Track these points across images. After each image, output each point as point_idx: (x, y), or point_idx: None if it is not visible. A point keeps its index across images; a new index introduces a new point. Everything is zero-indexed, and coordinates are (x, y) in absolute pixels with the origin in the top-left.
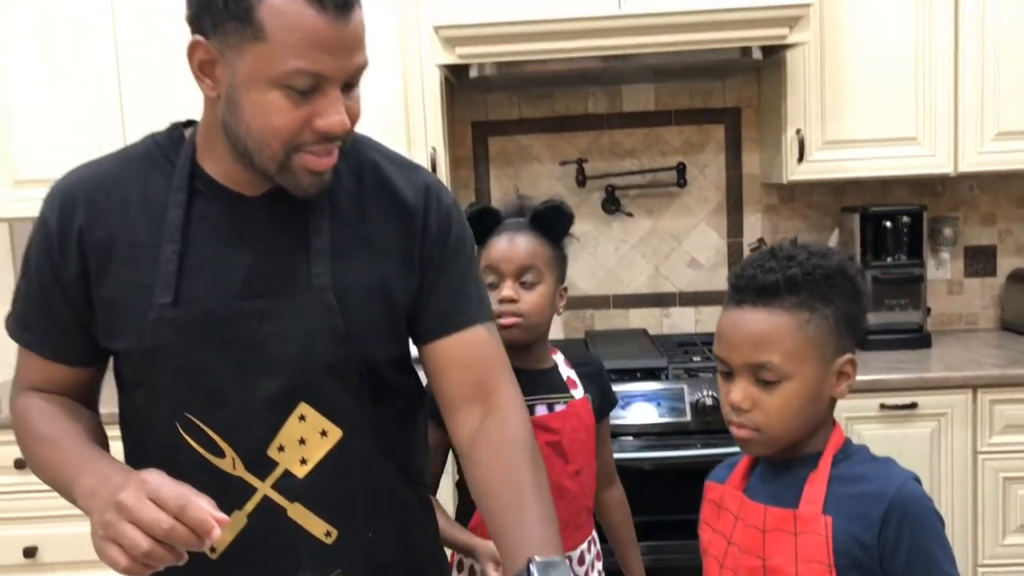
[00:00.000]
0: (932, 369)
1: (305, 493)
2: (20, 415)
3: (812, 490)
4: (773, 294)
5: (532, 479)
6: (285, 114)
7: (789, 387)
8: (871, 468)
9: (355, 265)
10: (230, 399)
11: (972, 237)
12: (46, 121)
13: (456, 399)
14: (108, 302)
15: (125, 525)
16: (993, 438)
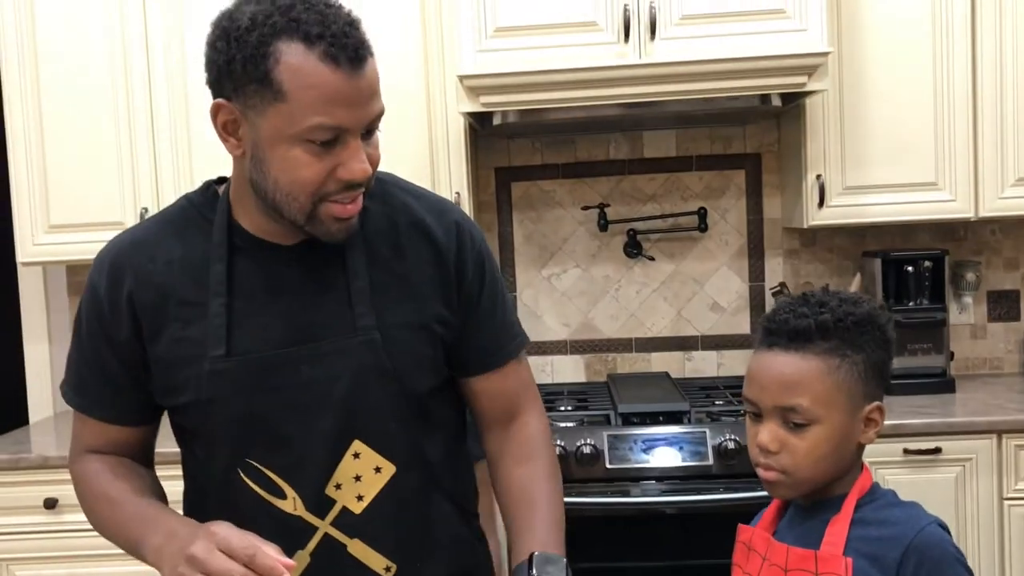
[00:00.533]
0: (956, 414)
1: (363, 529)
2: (80, 478)
3: (834, 531)
4: (805, 339)
5: (546, 487)
6: (310, 168)
7: (818, 431)
8: (894, 513)
9: (394, 303)
10: (287, 442)
11: (995, 281)
12: (78, 167)
13: (491, 421)
14: (163, 360)
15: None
16: (1019, 484)
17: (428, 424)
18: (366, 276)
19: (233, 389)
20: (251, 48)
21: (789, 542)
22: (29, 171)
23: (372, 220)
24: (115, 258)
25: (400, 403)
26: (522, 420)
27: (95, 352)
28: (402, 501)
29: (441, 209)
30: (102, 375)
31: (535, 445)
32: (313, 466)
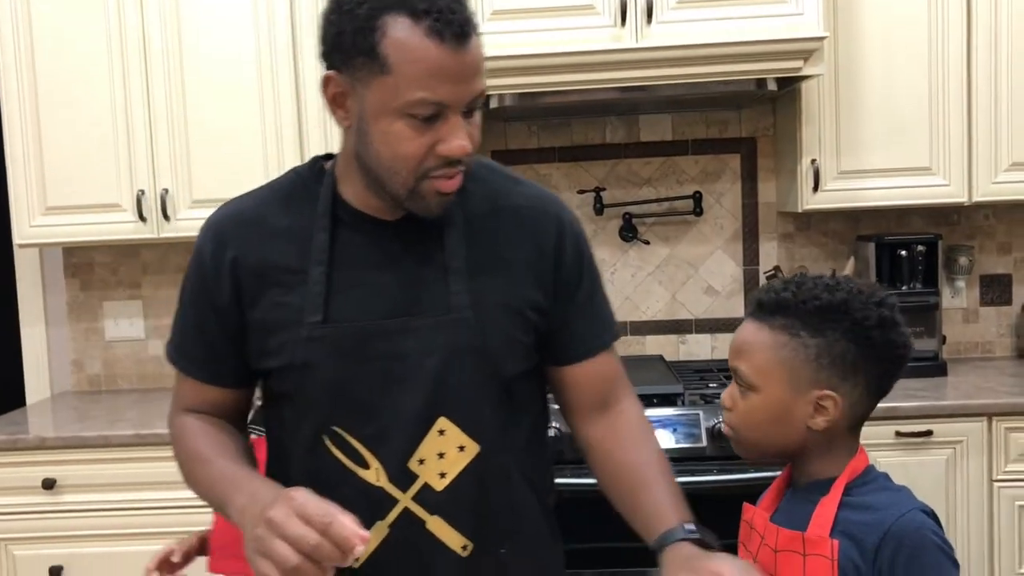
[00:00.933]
0: (947, 397)
1: (443, 506)
2: (177, 435)
3: (822, 513)
4: (767, 312)
5: (666, 469)
6: (411, 142)
7: (755, 398)
8: (880, 497)
9: (490, 284)
10: (374, 412)
11: (988, 266)
12: (75, 149)
13: (584, 409)
14: (261, 323)
15: (275, 541)
16: (1009, 466)
17: (514, 408)
18: (463, 256)
19: (327, 355)
20: (360, 21)
21: (780, 522)
22: (25, 153)
23: (473, 201)
24: (221, 225)
25: (489, 384)
26: (620, 408)
27: (197, 315)
28: (483, 482)
29: (542, 197)
30: (202, 338)
31: (642, 431)
32: (398, 439)
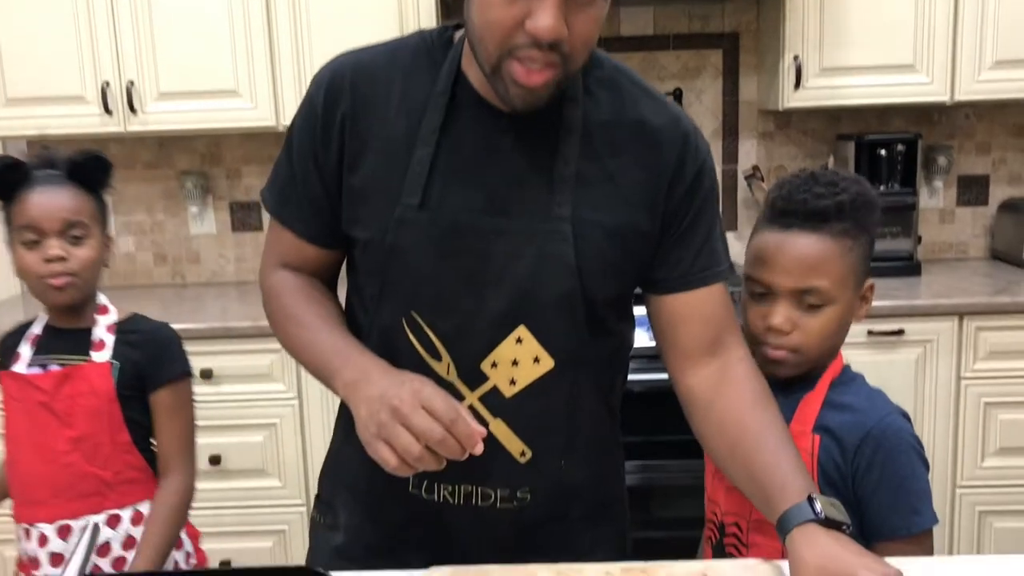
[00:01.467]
0: (920, 296)
1: (509, 412)
2: (272, 292)
3: (805, 410)
4: (823, 219)
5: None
6: (500, 9)
7: (830, 312)
8: (860, 399)
9: (597, 200)
10: (456, 308)
11: (966, 166)
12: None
13: (691, 351)
14: (357, 191)
15: (399, 429)
16: (977, 364)
17: (597, 331)
18: (574, 165)
19: (415, 243)
20: None
21: None
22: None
23: (597, 108)
24: (337, 76)
25: (575, 302)
26: (730, 357)
27: (302, 166)
28: (553, 397)
29: (672, 115)
30: (304, 189)
31: (760, 391)
32: (475, 339)
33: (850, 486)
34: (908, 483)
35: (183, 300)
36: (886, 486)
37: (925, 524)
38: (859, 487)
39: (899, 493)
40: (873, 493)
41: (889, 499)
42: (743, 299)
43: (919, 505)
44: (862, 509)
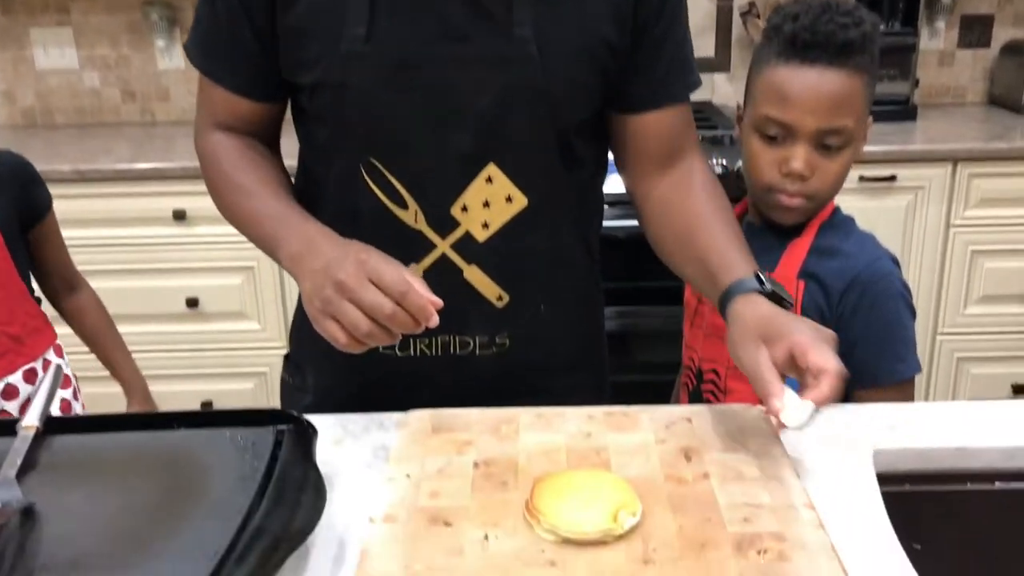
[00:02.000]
0: (914, 142)
1: (483, 257)
2: (208, 157)
3: (792, 255)
4: (848, 53)
5: (728, 217)
6: None
7: (848, 153)
8: (850, 244)
9: (561, 17)
10: (418, 149)
11: (970, 5)
12: None
13: (646, 163)
14: (294, 31)
15: (345, 304)
16: (967, 211)
17: (570, 162)
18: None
19: (367, 79)
20: None
21: None
22: None
23: None
24: None
25: (546, 132)
26: (687, 165)
27: (226, 10)
28: (529, 237)
29: None
30: (231, 38)
31: (709, 186)
32: (441, 182)
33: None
34: (894, 330)
35: (153, 139)
36: (871, 332)
37: (909, 372)
38: (843, 334)
39: (884, 340)
40: (857, 339)
41: (874, 346)
42: (747, 142)
43: (903, 352)
44: (845, 356)
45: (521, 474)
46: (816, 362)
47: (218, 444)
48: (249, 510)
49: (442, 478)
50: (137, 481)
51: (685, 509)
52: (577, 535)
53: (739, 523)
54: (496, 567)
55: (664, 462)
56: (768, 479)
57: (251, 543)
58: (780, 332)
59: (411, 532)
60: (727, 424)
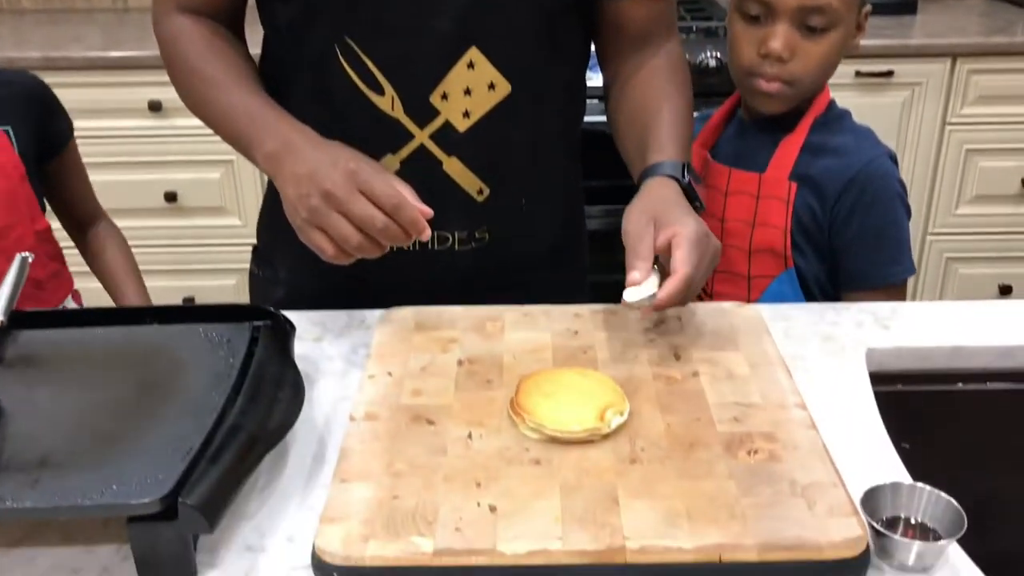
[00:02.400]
0: (913, 36)
1: (463, 148)
2: (169, 41)
3: (783, 154)
4: None
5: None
6: None
7: (833, 36)
8: (846, 140)
9: None
10: (396, 30)
11: None
12: None
13: (621, 47)
14: None
15: (334, 217)
16: (964, 109)
17: (554, 48)
18: None
19: None
20: None
21: (729, 162)
22: None
23: None
24: None
25: (530, 16)
26: (658, 49)
27: None
28: (511, 126)
29: None
30: None
31: (673, 71)
32: (420, 67)
33: (826, 236)
34: (890, 231)
35: (126, 26)
36: (868, 235)
37: (903, 275)
38: (838, 236)
39: (880, 242)
40: (852, 241)
41: (869, 248)
42: (731, 26)
43: (899, 255)
44: (838, 258)
45: (506, 372)
46: (675, 260)
47: (192, 340)
48: (224, 408)
49: (425, 376)
50: (108, 378)
51: (674, 408)
52: (563, 434)
53: (729, 423)
54: (480, 466)
55: (653, 361)
56: (759, 378)
57: (226, 441)
58: (671, 220)
59: (393, 430)
60: (718, 322)
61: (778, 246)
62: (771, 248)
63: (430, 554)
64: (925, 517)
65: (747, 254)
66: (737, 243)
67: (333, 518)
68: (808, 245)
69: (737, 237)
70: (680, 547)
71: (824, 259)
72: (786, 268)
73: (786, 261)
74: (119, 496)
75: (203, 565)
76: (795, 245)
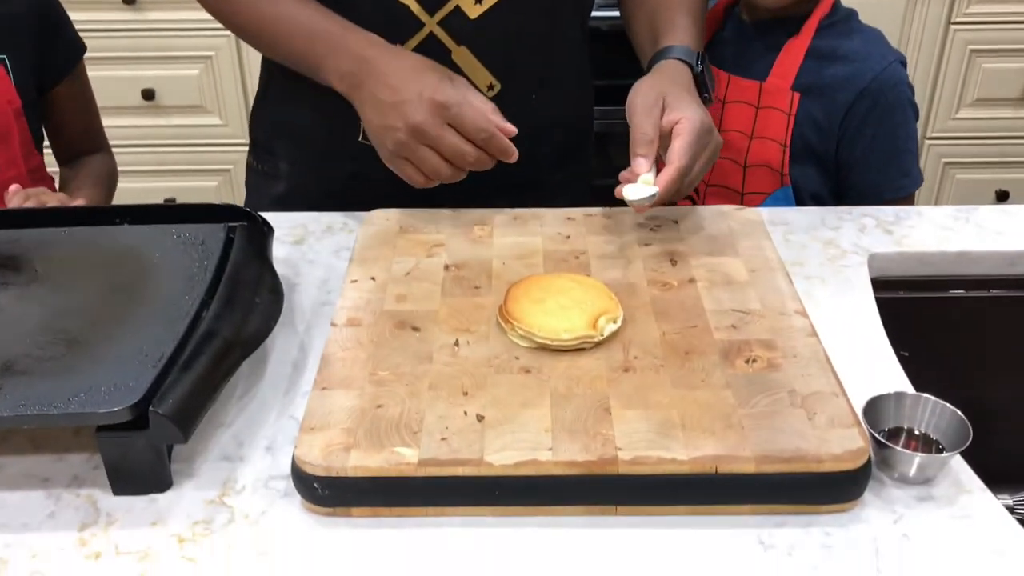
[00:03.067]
0: None
1: (474, 37)
2: None
3: (786, 61)
4: None
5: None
6: None
7: None
8: (855, 45)
9: None
10: None
11: None
12: None
13: None
14: None
15: (424, 150)
16: (971, 8)
17: None
18: None
19: None
20: None
21: (727, 67)
22: None
23: None
24: None
25: None
26: None
27: None
28: (524, 16)
29: None
30: None
31: None
32: None
33: (833, 149)
34: (901, 143)
35: None
36: (878, 146)
37: (913, 186)
38: (847, 149)
39: (891, 154)
40: (863, 155)
41: (880, 161)
42: None
43: (909, 166)
44: (846, 172)
45: (495, 278)
46: (674, 150)
47: (164, 242)
48: (197, 313)
49: (410, 281)
50: (75, 281)
51: (669, 315)
52: (554, 342)
53: (726, 330)
54: (466, 374)
55: (648, 266)
56: (758, 284)
57: (199, 348)
58: (678, 105)
59: (376, 337)
60: (717, 226)
61: (775, 162)
62: (767, 163)
63: (415, 464)
64: (928, 428)
65: (742, 168)
66: (732, 156)
67: (314, 427)
68: (810, 160)
69: (733, 150)
70: (674, 458)
71: (827, 174)
72: (782, 186)
73: (782, 179)
74: (87, 405)
75: (179, 475)
76: (794, 159)
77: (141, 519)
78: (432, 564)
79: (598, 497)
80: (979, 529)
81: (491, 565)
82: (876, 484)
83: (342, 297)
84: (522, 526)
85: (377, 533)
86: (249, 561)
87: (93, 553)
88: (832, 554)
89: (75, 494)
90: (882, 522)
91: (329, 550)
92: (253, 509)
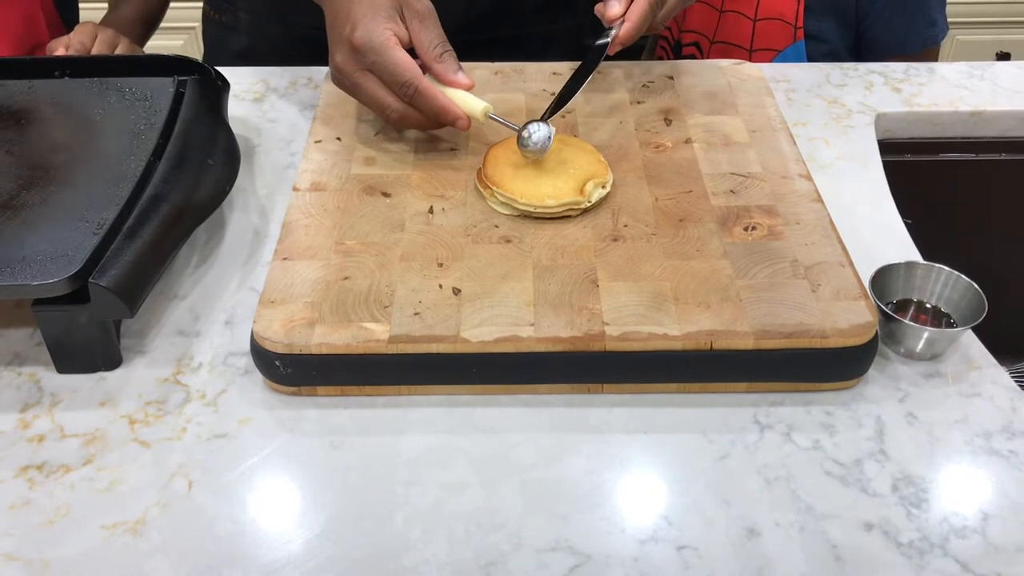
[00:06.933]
0: None
1: None
2: None
3: None
4: None
5: None
6: None
7: None
8: None
9: None
10: None
11: None
12: None
13: None
14: None
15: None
16: None
17: None
18: None
19: None
20: None
21: None
22: None
23: None
24: None
25: None
26: None
27: None
28: None
29: None
30: None
31: None
32: None
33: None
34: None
35: None
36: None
37: (940, 36)
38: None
39: (918, 3)
40: (888, 4)
41: (908, 10)
42: None
43: (935, 15)
44: (867, 24)
45: (472, 139)
46: None
47: (107, 96)
48: (144, 175)
49: (379, 143)
50: (8, 139)
51: (662, 179)
52: (537, 209)
53: (724, 195)
54: (442, 243)
55: (640, 126)
56: (759, 145)
57: (146, 214)
58: None
59: (343, 203)
60: (715, 82)
61: (789, 13)
62: (780, 16)
63: (385, 341)
64: (940, 301)
65: (752, 22)
66: (741, 8)
67: (274, 300)
68: (829, 12)
69: (741, 2)
70: (666, 333)
71: (847, 27)
72: (794, 41)
73: (795, 32)
74: (21, 276)
75: (129, 351)
76: (809, 11)
77: (88, 399)
78: (404, 446)
79: (583, 375)
80: (990, 407)
81: (467, 447)
82: (880, 360)
83: (304, 159)
84: (501, 405)
85: (345, 414)
86: (206, 444)
87: (36, 435)
88: (833, 434)
89: (16, 372)
90: (887, 400)
91: (293, 432)
92: (211, 388)
